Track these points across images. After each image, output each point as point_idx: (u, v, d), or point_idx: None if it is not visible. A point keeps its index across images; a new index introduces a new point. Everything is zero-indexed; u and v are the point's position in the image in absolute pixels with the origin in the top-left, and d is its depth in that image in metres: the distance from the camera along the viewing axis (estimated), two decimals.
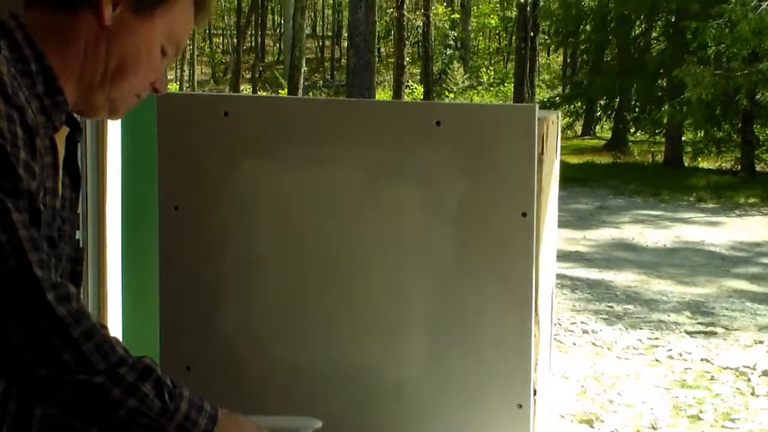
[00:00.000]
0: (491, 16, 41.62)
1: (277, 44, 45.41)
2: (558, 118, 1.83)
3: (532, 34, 25.87)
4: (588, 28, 25.08)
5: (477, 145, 1.70)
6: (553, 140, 1.77)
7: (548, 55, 41.43)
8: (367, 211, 1.78)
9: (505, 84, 37.46)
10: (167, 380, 1.41)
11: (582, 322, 7.84)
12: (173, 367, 1.96)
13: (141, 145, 2.48)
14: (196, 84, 33.39)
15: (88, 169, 2.91)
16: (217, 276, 1.90)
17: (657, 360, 6.91)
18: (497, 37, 44.87)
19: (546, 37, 30.27)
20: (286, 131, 1.82)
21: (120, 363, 1.36)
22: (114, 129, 2.87)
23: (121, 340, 2.96)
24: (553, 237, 1.82)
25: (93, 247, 2.91)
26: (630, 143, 24.77)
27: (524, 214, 1.68)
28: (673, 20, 21.28)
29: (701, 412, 5.75)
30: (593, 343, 7.18)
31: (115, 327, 2.95)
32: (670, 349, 7.12)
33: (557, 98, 26.86)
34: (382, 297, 1.80)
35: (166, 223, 1.90)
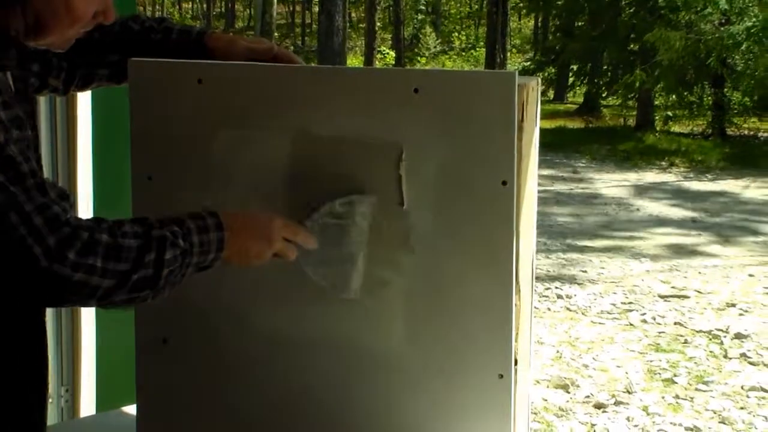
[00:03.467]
0: None
1: (248, 10, 45.08)
2: (538, 85, 1.80)
3: None
4: None
5: (456, 112, 1.67)
6: (533, 107, 1.75)
7: (519, 20, 41.38)
8: (344, 179, 1.75)
9: (477, 49, 37.40)
10: (174, 228, 1.50)
11: None
12: (149, 338, 1.93)
13: (112, 113, 2.44)
14: None
15: (59, 140, 2.87)
16: None
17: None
18: (468, 1, 44.73)
19: (517, 1, 30.22)
20: (261, 99, 1.79)
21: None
22: (84, 98, 2.83)
23: (94, 311, 2.95)
24: (533, 205, 1.80)
25: None
26: (602, 108, 24.83)
27: (504, 183, 1.65)
28: None
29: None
30: None
31: None
32: None
33: (529, 63, 26.85)
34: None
35: (139, 193, 1.87)
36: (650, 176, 15.32)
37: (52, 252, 1.37)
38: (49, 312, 2.86)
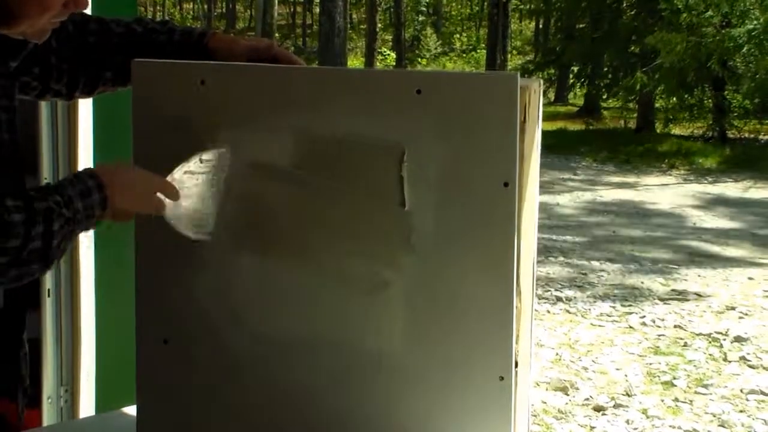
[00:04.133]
0: None
1: (249, 10, 45.08)
2: (540, 86, 1.80)
3: None
4: None
5: (458, 114, 1.67)
6: (536, 108, 1.75)
7: (520, 22, 41.37)
8: (346, 180, 1.75)
9: (478, 50, 37.42)
10: (57, 197, 1.51)
11: None
12: (150, 338, 1.93)
13: (114, 115, 2.44)
14: None
15: (60, 142, 2.87)
16: (194, 249, 1.87)
17: None
18: (469, 2, 44.74)
19: (518, 3, 30.21)
20: (264, 100, 1.79)
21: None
22: (85, 100, 2.83)
23: (95, 310, 2.94)
24: (535, 207, 1.80)
25: None
26: (602, 110, 24.83)
27: (506, 184, 1.65)
28: None
29: None
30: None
31: (89, 300, 2.93)
32: None
33: (530, 65, 26.85)
34: (361, 269, 1.77)
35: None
36: (653, 179, 15.30)
37: None
38: (49, 312, 2.88)
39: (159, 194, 1.69)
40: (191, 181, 1.80)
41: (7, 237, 1.42)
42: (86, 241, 2.90)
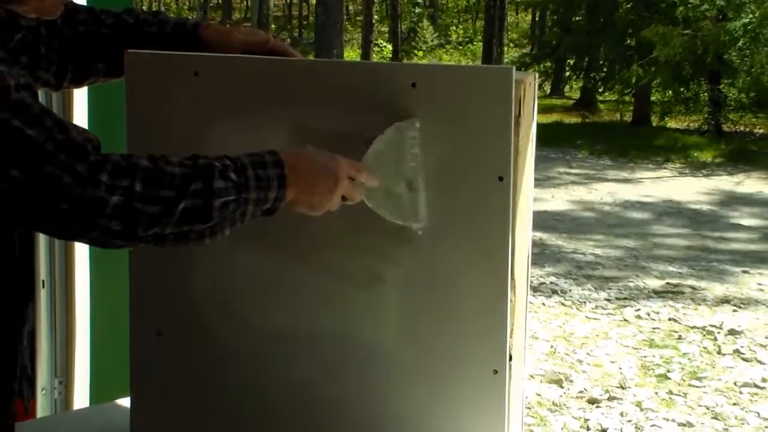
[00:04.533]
0: None
1: (245, 1, 45.00)
2: (535, 80, 1.80)
3: None
4: None
5: (453, 107, 1.67)
6: (530, 102, 1.75)
7: (517, 14, 41.35)
8: None
9: (474, 43, 37.39)
10: (226, 161, 1.47)
11: None
12: (144, 330, 1.93)
13: (108, 106, 2.43)
14: None
15: None
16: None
17: None
18: None
19: None
20: (258, 92, 1.78)
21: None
22: (80, 92, 2.82)
23: (89, 301, 2.94)
24: (529, 200, 1.80)
25: None
26: (599, 103, 24.83)
27: (501, 178, 1.65)
28: None
29: None
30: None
31: (83, 291, 2.92)
32: None
33: (526, 58, 26.83)
34: (356, 262, 1.77)
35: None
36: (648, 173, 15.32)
37: (83, 177, 1.33)
38: (43, 303, 2.87)
39: (352, 178, 1.60)
40: (384, 161, 1.68)
41: (159, 186, 1.38)
42: None
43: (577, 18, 25.24)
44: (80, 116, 2.86)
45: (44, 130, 1.34)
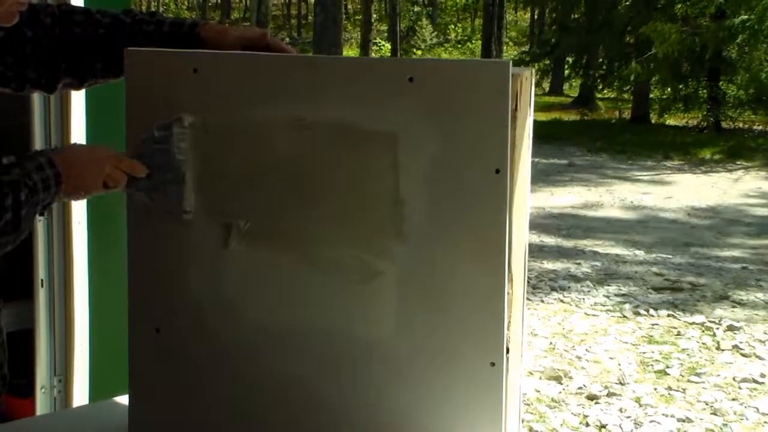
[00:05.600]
0: None
1: (243, 1, 44.99)
2: (532, 75, 1.80)
3: None
4: None
5: (450, 101, 1.67)
6: (527, 96, 1.75)
7: (516, 12, 41.36)
8: (338, 169, 1.75)
9: (473, 41, 37.40)
10: (19, 170, 1.57)
11: None
12: (142, 328, 1.93)
13: (107, 104, 2.43)
14: None
15: (53, 130, 2.87)
16: (186, 237, 1.87)
17: None
18: None
19: None
20: (256, 88, 1.79)
21: None
22: (78, 92, 2.82)
23: (88, 300, 2.95)
24: (526, 194, 1.80)
25: (58, 207, 2.87)
26: (597, 100, 24.84)
27: (498, 171, 1.65)
28: None
29: None
30: None
31: (82, 290, 2.93)
32: None
33: (525, 56, 26.84)
34: (352, 257, 1.77)
35: None
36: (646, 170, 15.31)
37: None
38: (42, 302, 2.88)
39: (117, 166, 1.73)
40: (154, 151, 1.81)
41: None
42: (79, 230, 2.90)
43: (575, 16, 25.25)
44: (79, 114, 2.87)
45: None
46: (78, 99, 2.86)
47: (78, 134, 2.87)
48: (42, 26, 1.79)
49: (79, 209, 2.88)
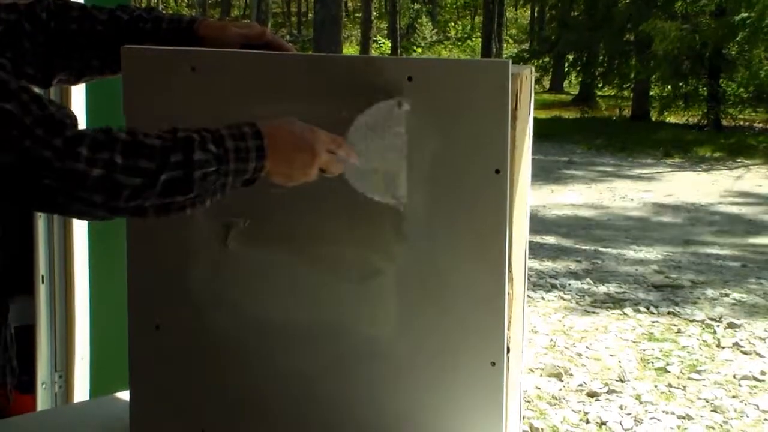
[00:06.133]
0: None
1: None
2: (532, 73, 1.80)
3: None
4: None
5: (450, 100, 1.67)
6: (527, 96, 1.75)
7: (516, 10, 41.33)
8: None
9: (473, 39, 37.37)
10: (204, 133, 1.48)
11: None
12: (142, 324, 1.94)
13: (106, 101, 2.43)
14: None
15: None
16: (186, 235, 1.87)
17: None
18: None
19: None
20: (254, 86, 1.79)
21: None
22: (78, 89, 2.83)
23: (89, 296, 2.95)
24: (526, 193, 1.80)
25: None
26: (598, 98, 24.82)
27: (497, 171, 1.65)
28: None
29: None
30: None
31: (82, 286, 2.93)
32: None
33: (525, 53, 26.82)
34: (353, 256, 1.78)
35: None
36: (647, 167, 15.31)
37: (61, 151, 1.35)
38: (43, 298, 2.88)
39: (331, 152, 1.62)
40: (367, 138, 1.70)
41: (138, 156, 1.39)
42: (80, 226, 2.90)
43: (576, 13, 25.24)
44: (78, 113, 2.87)
45: (21, 104, 1.35)
46: (77, 96, 2.86)
47: None
48: (38, 20, 1.78)
49: None
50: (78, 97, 2.85)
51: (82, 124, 2.89)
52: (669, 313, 6.96)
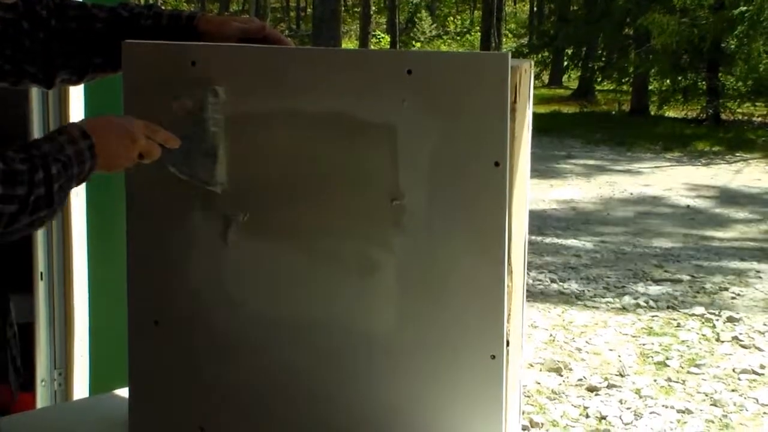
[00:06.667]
0: None
1: None
2: (531, 67, 1.80)
3: None
4: None
5: (449, 94, 1.66)
6: (526, 89, 1.74)
7: (515, 4, 41.30)
8: (337, 161, 1.75)
9: (472, 33, 37.34)
10: (53, 144, 1.55)
11: None
12: (141, 320, 1.94)
13: (105, 97, 2.43)
14: None
15: (51, 124, 2.87)
16: (185, 231, 1.87)
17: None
18: None
19: None
20: (255, 81, 1.79)
21: None
22: (77, 88, 2.82)
23: (87, 293, 2.94)
24: (525, 186, 1.80)
25: None
26: (597, 92, 24.81)
27: (497, 164, 1.65)
28: None
29: None
30: None
31: (81, 283, 2.93)
32: None
33: (524, 48, 26.81)
34: (352, 249, 1.77)
35: (131, 174, 1.86)
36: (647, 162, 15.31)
37: None
38: (42, 295, 2.88)
39: (151, 137, 1.70)
40: (189, 123, 1.79)
41: (14, 185, 1.46)
42: (78, 223, 2.90)
43: (574, 7, 25.21)
44: (77, 107, 2.87)
45: None
46: (76, 93, 2.86)
47: None
48: (38, 19, 1.78)
49: (78, 201, 2.88)
50: (76, 95, 2.85)
51: (81, 117, 2.89)
52: (669, 307, 6.96)
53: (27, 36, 1.77)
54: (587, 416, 5.03)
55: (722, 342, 6.22)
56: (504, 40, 30.00)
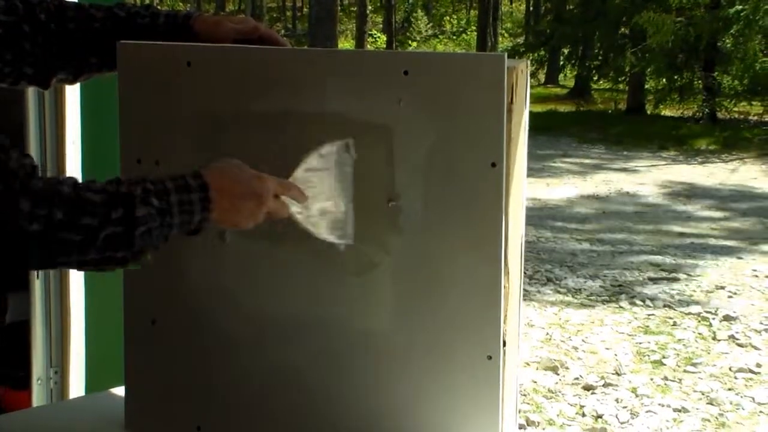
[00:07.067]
0: None
1: None
2: (527, 67, 1.80)
3: None
4: None
5: (445, 94, 1.66)
6: (523, 89, 1.75)
7: (511, 3, 41.31)
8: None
9: (468, 33, 37.36)
10: (148, 185, 1.47)
11: None
12: (137, 319, 1.94)
13: (101, 97, 2.43)
14: None
15: (47, 124, 2.86)
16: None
17: None
18: None
19: None
20: (250, 81, 1.79)
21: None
22: (72, 87, 2.82)
23: (84, 292, 2.94)
24: (522, 187, 1.80)
25: None
26: (593, 91, 24.82)
27: (493, 164, 1.65)
28: None
29: None
30: None
31: (77, 282, 2.93)
32: None
33: (520, 47, 26.81)
34: (349, 249, 1.77)
35: (128, 176, 1.86)
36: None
37: (2, 206, 1.33)
38: (38, 293, 2.87)
39: (282, 197, 1.63)
40: (316, 179, 1.73)
41: (81, 213, 1.38)
42: None
43: (570, 6, 25.22)
44: (73, 109, 2.86)
45: None
46: (72, 92, 2.85)
47: (73, 128, 2.87)
48: (38, 22, 1.78)
49: None
50: (72, 94, 2.85)
51: (77, 123, 2.90)
52: (665, 305, 6.97)
53: (26, 39, 1.77)
54: (584, 415, 5.04)
55: (719, 341, 6.23)
56: (500, 39, 30.01)
